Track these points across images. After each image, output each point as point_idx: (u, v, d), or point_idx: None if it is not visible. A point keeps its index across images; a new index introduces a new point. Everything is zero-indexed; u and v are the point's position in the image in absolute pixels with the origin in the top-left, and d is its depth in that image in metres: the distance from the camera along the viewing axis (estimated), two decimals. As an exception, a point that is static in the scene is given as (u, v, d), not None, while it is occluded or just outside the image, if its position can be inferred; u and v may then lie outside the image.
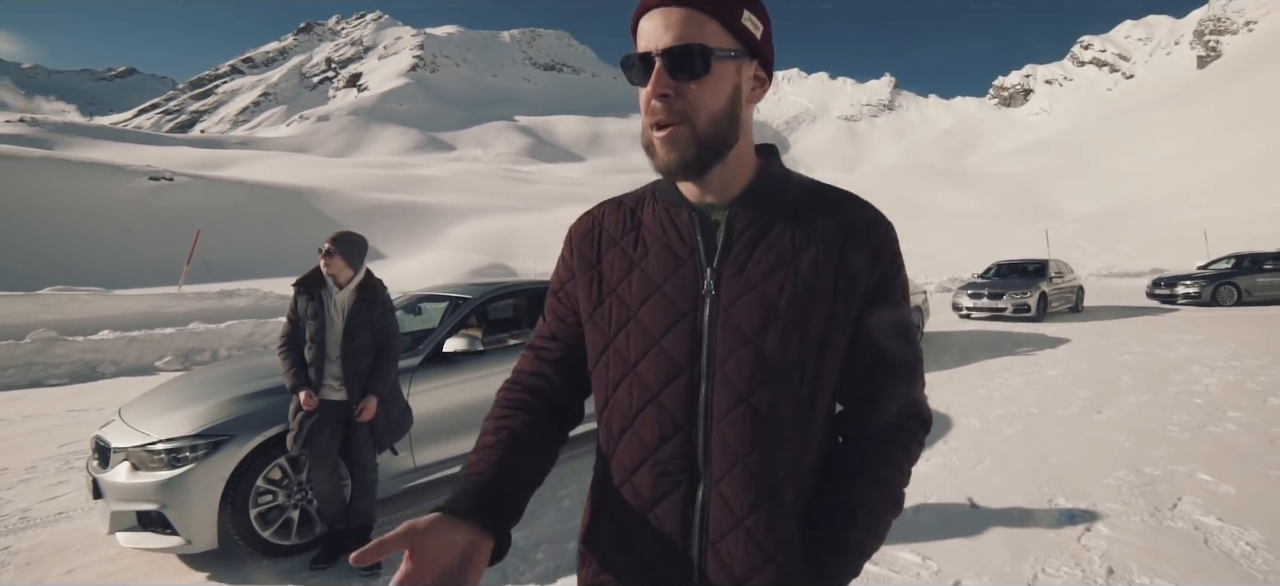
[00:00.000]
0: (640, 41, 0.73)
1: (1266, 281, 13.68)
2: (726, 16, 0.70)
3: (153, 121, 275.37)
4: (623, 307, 0.80)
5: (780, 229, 0.76)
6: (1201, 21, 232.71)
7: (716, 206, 0.79)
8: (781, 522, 0.74)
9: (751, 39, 0.73)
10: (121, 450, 2.62)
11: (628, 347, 0.78)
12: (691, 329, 0.75)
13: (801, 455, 0.75)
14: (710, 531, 0.74)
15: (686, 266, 0.77)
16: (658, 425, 0.76)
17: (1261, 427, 4.29)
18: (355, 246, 2.72)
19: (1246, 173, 60.27)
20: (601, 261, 0.84)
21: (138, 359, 8.18)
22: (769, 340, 0.72)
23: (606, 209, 0.88)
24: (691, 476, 0.75)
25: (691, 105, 0.70)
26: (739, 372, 0.72)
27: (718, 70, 0.70)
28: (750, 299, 0.73)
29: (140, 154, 66.68)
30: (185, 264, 11.61)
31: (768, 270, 0.74)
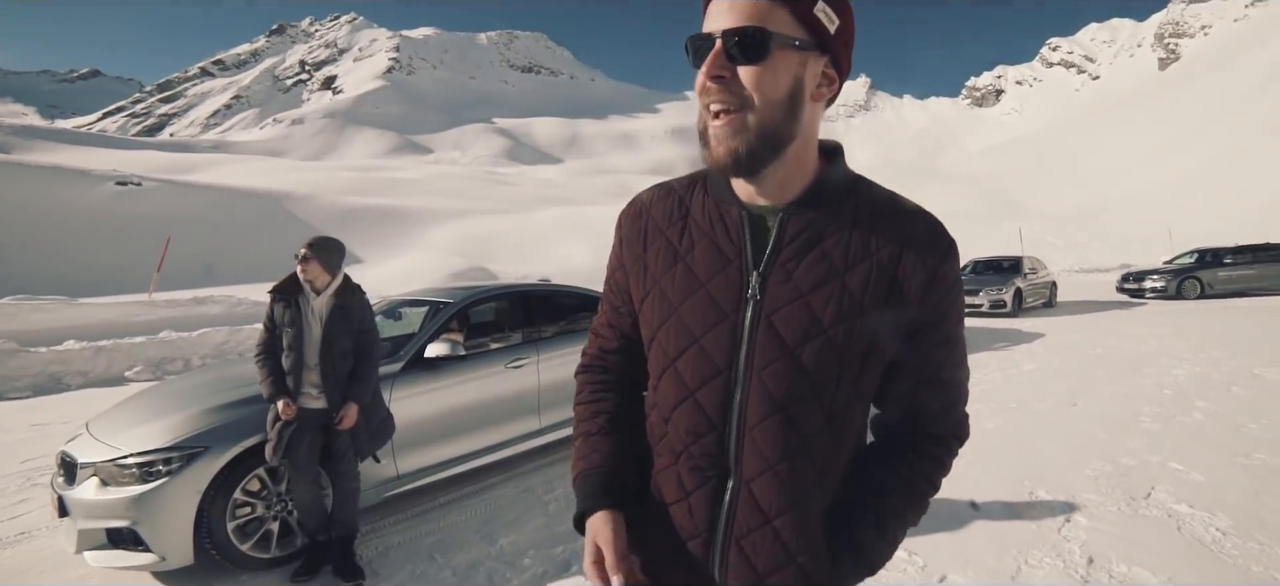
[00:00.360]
0: (706, 22, 0.70)
1: (1227, 275, 14.20)
2: (796, 4, 0.66)
3: (118, 124, 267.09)
4: (665, 302, 0.79)
5: (834, 238, 0.73)
6: (1161, 25, 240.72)
7: (770, 207, 0.76)
8: (808, 527, 0.75)
9: (823, 32, 0.68)
10: (89, 465, 2.53)
11: (669, 343, 0.79)
12: (732, 332, 0.74)
13: (831, 463, 0.77)
14: (736, 528, 0.76)
15: (732, 267, 0.76)
16: (692, 422, 0.77)
17: (1226, 416, 4.43)
18: (332, 251, 2.66)
19: (1206, 171, 62.56)
20: (647, 251, 0.83)
21: (106, 369, 7.90)
22: (808, 352, 0.71)
23: (655, 195, 0.86)
24: (722, 473, 0.76)
25: (748, 92, 0.67)
26: (777, 382, 0.72)
27: (778, 57, 0.66)
28: (795, 309, 0.72)
29: (106, 158, 64.64)
30: (156, 270, 11.27)
31: (816, 281, 0.72)
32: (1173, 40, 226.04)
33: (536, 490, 3.58)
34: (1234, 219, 38.59)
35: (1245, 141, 69.24)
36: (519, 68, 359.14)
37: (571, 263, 33.21)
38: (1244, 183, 53.54)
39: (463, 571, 2.67)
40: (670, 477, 0.80)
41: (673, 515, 0.80)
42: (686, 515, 0.78)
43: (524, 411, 3.85)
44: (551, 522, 3.12)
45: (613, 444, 0.86)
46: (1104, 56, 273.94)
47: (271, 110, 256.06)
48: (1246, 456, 3.58)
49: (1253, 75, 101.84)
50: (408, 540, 3.00)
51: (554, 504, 3.36)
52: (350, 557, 2.64)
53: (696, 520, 0.78)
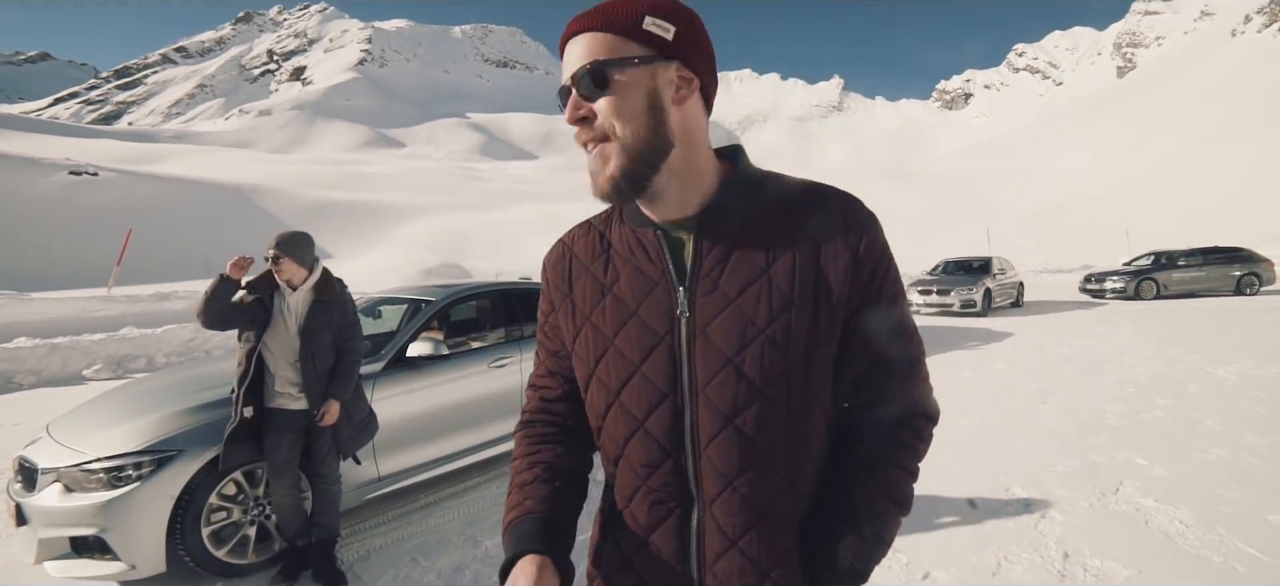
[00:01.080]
0: (562, 75, 0.73)
1: (1181, 276, 14.85)
2: (622, 27, 0.69)
3: (71, 111, 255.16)
4: (599, 336, 0.77)
5: (752, 239, 0.73)
6: (1119, 35, 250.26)
7: (682, 221, 0.76)
8: (775, 539, 0.72)
9: (661, 42, 0.70)
10: (51, 470, 2.40)
11: (609, 376, 0.76)
12: (670, 353, 0.72)
13: (796, 469, 0.73)
14: (706, 555, 0.73)
15: (659, 288, 0.74)
16: (645, 453, 0.74)
17: (1184, 413, 4.63)
18: (302, 244, 2.56)
19: (1160, 176, 65.33)
20: (573, 289, 0.82)
21: (61, 368, 7.55)
22: (749, 358, 0.69)
23: (577, 234, 0.86)
24: (685, 501, 0.74)
25: (606, 121, 0.69)
26: (721, 394, 0.70)
27: (623, 80, 0.68)
28: (727, 317, 0.70)
29: (58, 146, 61.65)
30: (116, 264, 10.81)
31: (742, 284, 0.71)
32: (1130, 50, 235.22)
33: (521, 491, 3.54)
34: (1186, 221, 40.44)
35: (1195, 148, 72.55)
36: (494, 62, 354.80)
37: (548, 260, 32.95)
38: (1194, 187, 56.08)
39: (448, 574, 2.63)
40: (630, 519, 0.77)
41: (637, 561, 0.77)
42: (653, 554, 0.76)
43: (507, 411, 3.80)
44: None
45: (550, 490, 0.79)
46: (1067, 63, 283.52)
47: (237, 100, 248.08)
48: (1203, 451, 3.75)
49: (1201, 86, 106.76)
50: (390, 543, 2.94)
51: (539, 504, 3.33)
52: (331, 562, 2.57)
53: (665, 556, 0.75)
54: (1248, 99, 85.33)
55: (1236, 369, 6.09)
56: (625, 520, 0.78)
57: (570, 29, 0.71)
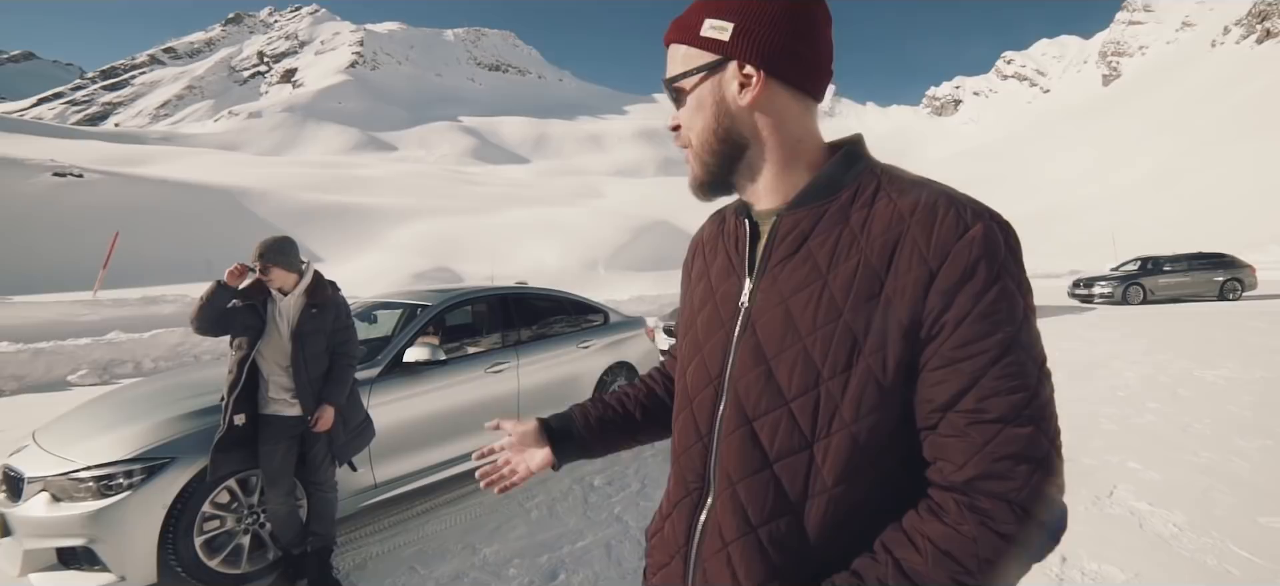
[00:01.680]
0: None
1: (1166, 281, 15.09)
2: (687, 38, 0.72)
3: (56, 112, 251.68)
4: (691, 316, 0.82)
5: (823, 235, 0.67)
6: (1105, 43, 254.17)
7: (769, 213, 0.75)
8: (762, 559, 0.66)
9: (718, 45, 0.68)
10: (38, 479, 2.35)
11: (685, 354, 0.81)
12: (726, 340, 0.73)
13: (807, 505, 0.64)
14: (704, 548, 0.73)
15: (734, 277, 0.76)
16: (684, 433, 0.77)
17: (1175, 417, 4.68)
18: (286, 249, 2.52)
19: (1146, 182, 66.36)
20: (692, 271, 0.87)
21: (45, 373, 7.42)
22: (782, 364, 0.65)
23: (711, 220, 0.90)
24: (701, 490, 0.74)
25: (684, 130, 0.74)
26: (748, 393, 0.68)
27: (689, 93, 0.72)
28: (774, 316, 0.67)
29: (42, 147, 60.75)
30: (102, 268, 10.65)
31: (797, 284, 0.66)
32: (1115, 58, 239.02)
33: (517, 497, 3.52)
34: (1171, 227, 41.07)
35: (1178, 156, 73.81)
36: (486, 66, 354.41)
37: (540, 264, 32.91)
38: (1178, 194, 57.02)
39: (445, 582, 2.60)
40: (667, 496, 0.82)
41: (668, 531, 0.80)
42: (670, 531, 0.79)
43: (504, 416, 3.76)
44: (535, 530, 3.07)
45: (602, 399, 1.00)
46: (1054, 71, 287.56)
47: (227, 102, 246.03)
48: (1195, 455, 3.79)
49: (1183, 95, 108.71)
50: (386, 551, 2.90)
51: (536, 511, 3.31)
52: (327, 571, 2.53)
53: (676, 536, 0.77)
54: (1228, 108, 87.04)
55: (1222, 373, 6.17)
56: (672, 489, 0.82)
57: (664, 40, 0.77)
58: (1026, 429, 0.56)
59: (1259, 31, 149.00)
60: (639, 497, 3.45)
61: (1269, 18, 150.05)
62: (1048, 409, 0.59)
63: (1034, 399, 0.57)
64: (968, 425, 0.57)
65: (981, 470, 0.57)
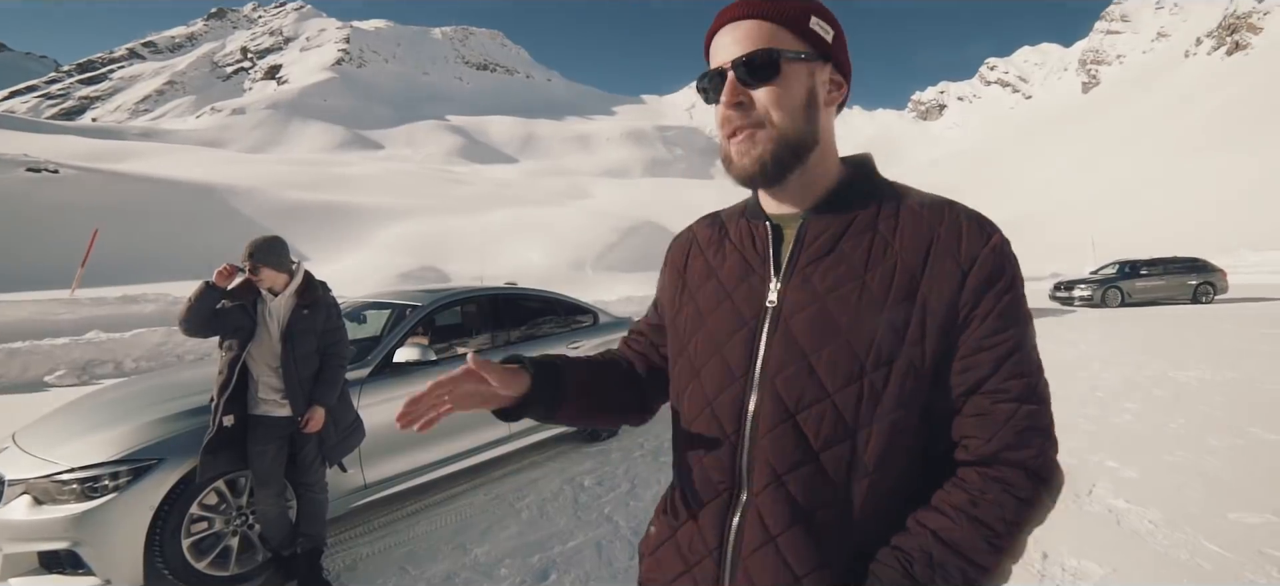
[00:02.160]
0: (713, 59, 0.74)
1: (1143, 285, 15.46)
2: (793, 22, 0.70)
3: (30, 105, 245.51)
4: (697, 315, 0.82)
5: (856, 239, 0.72)
6: (1084, 52, 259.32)
7: (795, 216, 0.77)
8: (817, 548, 0.69)
9: (822, 43, 0.72)
10: (20, 482, 2.31)
11: (697, 354, 0.80)
12: (750, 338, 0.74)
13: (853, 483, 0.69)
14: (744, 546, 0.72)
15: (755, 276, 0.77)
16: (709, 432, 0.76)
17: (1150, 417, 4.81)
18: (276, 249, 2.51)
19: (1123, 187, 67.86)
20: (687, 269, 0.88)
21: (21, 373, 7.25)
22: (824, 357, 0.68)
23: (702, 223, 0.91)
24: (733, 487, 0.74)
25: (766, 109, 0.70)
26: (788, 387, 0.70)
27: (788, 72, 0.70)
28: (811, 312, 0.70)
29: (14, 141, 59.19)
30: (80, 265, 10.43)
31: (833, 283, 0.70)
32: (1094, 66, 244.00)
33: (507, 497, 3.52)
34: (1146, 231, 42.01)
35: (1154, 162, 75.59)
36: (474, 65, 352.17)
37: (528, 265, 32.79)
38: (1153, 199, 58.37)
39: (436, 583, 2.60)
40: (683, 500, 0.80)
41: (681, 538, 0.79)
42: (696, 534, 0.77)
43: (494, 418, 3.77)
44: (525, 530, 3.08)
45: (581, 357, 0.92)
46: (1036, 78, 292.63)
47: (209, 98, 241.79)
48: (1170, 454, 3.90)
49: (1160, 103, 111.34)
50: (377, 552, 2.89)
51: (527, 511, 3.31)
52: (317, 572, 2.52)
53: (706, 538, 0.75)
54: (1200, 117, 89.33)
55: (1195, 374, 6.34)
56: (679, 500, 0.81)
57: (734, 12, 0.71)
58: (1037, 406, 0.67)
59: (1229, 44, 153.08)
60: (629, 498, 3.47)
61: (1238, 31, 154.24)
62: (1048, 392, 0.70)
63: (1041, 382, 0.69)
64: (992, 404, 0.67)
65: (1006, 442, 0.66)
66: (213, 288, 2.38)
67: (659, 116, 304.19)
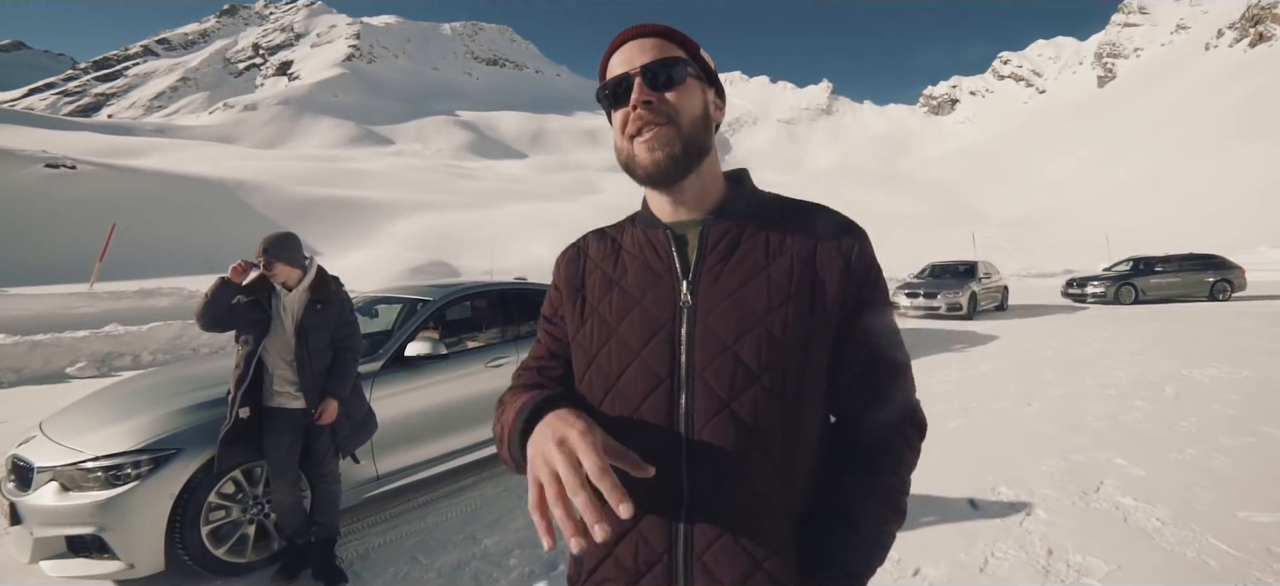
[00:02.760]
0: (613, 71, 0.79)
1: (1158, 282, 15.23)
2: (687, 47, 0.80)
3: (48, 102, 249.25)
4: (603, 325, 0.82)
5: (754, 239, 0.80)
6: (1100, 45, 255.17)
7: (690, 222, 0.83)
8: (771, 529, 0.73)
9: (709, 70, 0.83)
10: (47, 469, 2.39)
11: (609, 363, 0.80)
12: (670, 340, 0.76)
13: (790, 462, 0.74)
14: (696, 544, 0.73)
15: (664, 282, 0.80)
16: (640, 438, 0.73)
17: (1161, 415, 4.77)
18: (290, 245, 2.56)
19: (1139, 183, 66.72)
20: (585, 284, 0.88)
21: (43, 365, 7.42)
22: (747, 345, 0.73)
23: (590, 237, 0.93)
24: (675, 488, 0.74)
25: (673, 108, 0.77)
26: (719, 379, 0.73)
27: (690, 83, 0.79)
28: (727, 307, 0.75)
29: (33, 138, 60.17)
30: (98, 259, 10.62)
31: (743, 278, 0.77)
32: (1110, 60, 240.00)
33: (517, 489, 3.57)
34: (1162, 227, 41.34)
35: (1171, 157, 74.24)
36: (483, 60, 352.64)
37: (537, 259, 32.91)
38: (1170, 195, 57.37)
39: (448, 572, 2.65)
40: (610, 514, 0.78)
41: (621, 553, 0.76)
42: (640, 544, 0.75)
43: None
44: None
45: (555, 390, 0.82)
46: (1050, 72, 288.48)
47: (222, 95, 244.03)
48: (1179, 452, 3.88)
49: (1178, 96, 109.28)
50: (389, 541, 2.95)
51: (536, 503, 3.36)
52: (331, 560, 2.58)
53: (652, 546, 0.74)
54: (1220, 111, 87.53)
55: (1209, 373, 6.27)
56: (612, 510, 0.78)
57: (635, 33, 0.80)
58: (909, 369, 0.83)
59: (1252, 34, 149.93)
60: (636, 491, 3.50)
61: (1262, 22, 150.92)
62: None
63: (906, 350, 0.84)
64: (884, 369, 0.80)
65: (901, 403, 0.80)
66: (228, 283, 2.44)
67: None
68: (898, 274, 25.05)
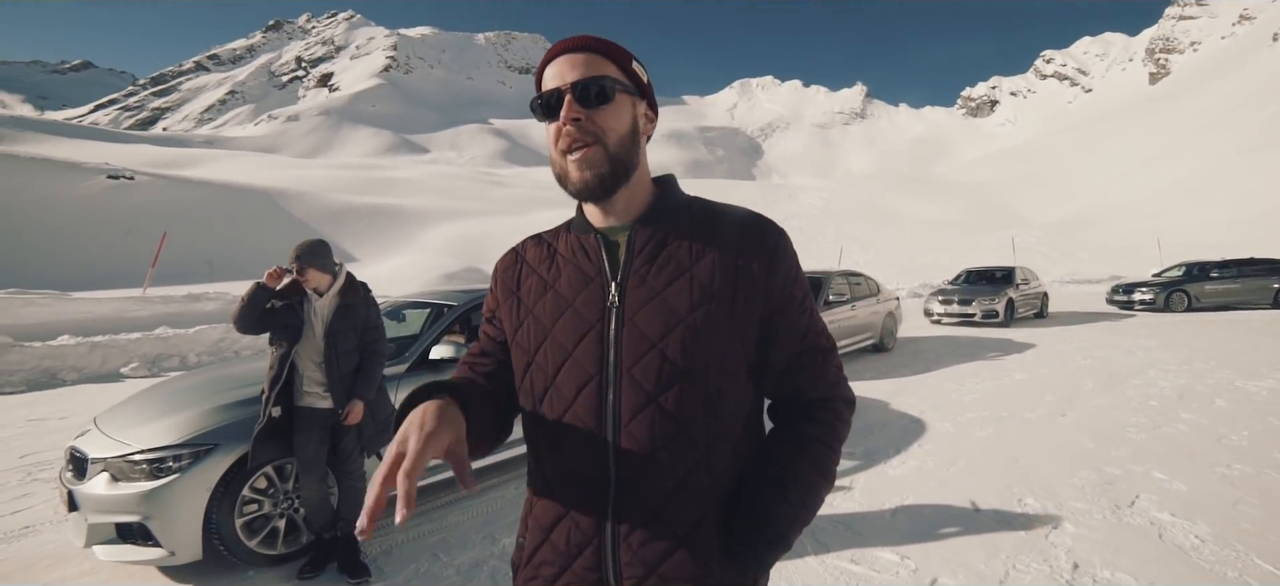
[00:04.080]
0: (547, 83, 0.82)
1: (1214, 288, 14.42)
2: (619, 60, 0.83)
3: (111, 117, 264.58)
4: (539, 326, 0.86)
5: (678, 242, 0.84)
6: (1152, 40, 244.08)
7: (620, 227, 0.88)
8: (691, 509, 0.79)
9: (641, 82, 0.86)
10: (100, 460, 2.56)
11: (547, 362, 0.84)
12: (599, 338, 0.81)
13: (713, 446, 0.80)
14: (623, 527, 0.78)
15: (594, 283, 0.85)
16: (573, 431, 0.81)
17: (1209, 428, 4.54)
18: (322, 252, 2.68)
19: (1194, 184, 63.39)
20: (520, 287, 0.92)
21: (101, 365, 7.89)
22: (672, 343, 0.78)
23: (527, 243, 0.97)
24: (603, 476, 0.79)
25: (601, 127, 0.80)
26: (646, 375, 0.78)
27: (619, 99, 0.82)
28: (653, 307, 0.80)
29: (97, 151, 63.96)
30: (150, 266, 11.23)
31: (668, 279, 0.81)
32: (1163, 56, 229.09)
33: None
34: (1220, 232, 39.14)
35: (1231, 156, 70.25)
36: (516, 68, 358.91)
37: (567, 265, 33.12)
38: (1229, 197, 54.31)
39: (466, 570, 2.73)
40: (552, 498, 0.83)
41: (556, 538, 0.82)
42: (572, 529, 0.80)
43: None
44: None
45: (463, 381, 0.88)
46: (1096, 70, 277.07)
47: (267, 106, 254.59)
48: (1227, 467, 3.69)
49: (1240, 91, 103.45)
50: (411, 539, 3.05)
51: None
52: (356, 555, 2.69)
53: (583, 530, 0.80)
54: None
55: (1268, 384, 5.94)
56: (549, 499, 0.84)
57: (568, 46, 0.82)
58: (836, 352, 0.90)
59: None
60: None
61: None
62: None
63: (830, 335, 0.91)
64: (811, 355, 0.87)
65: (829, 381, 0.88)
66: (263, 288, 2.57)
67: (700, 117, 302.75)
68: (933, 280, 24.42)
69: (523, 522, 0.90)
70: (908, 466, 3.94)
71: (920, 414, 5.30)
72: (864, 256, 38.97)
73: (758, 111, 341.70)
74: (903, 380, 7.00)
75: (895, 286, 20.37)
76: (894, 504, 3.30)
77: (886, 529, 3.00)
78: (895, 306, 9.83)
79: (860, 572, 2.58)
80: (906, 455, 4.17)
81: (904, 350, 9.40)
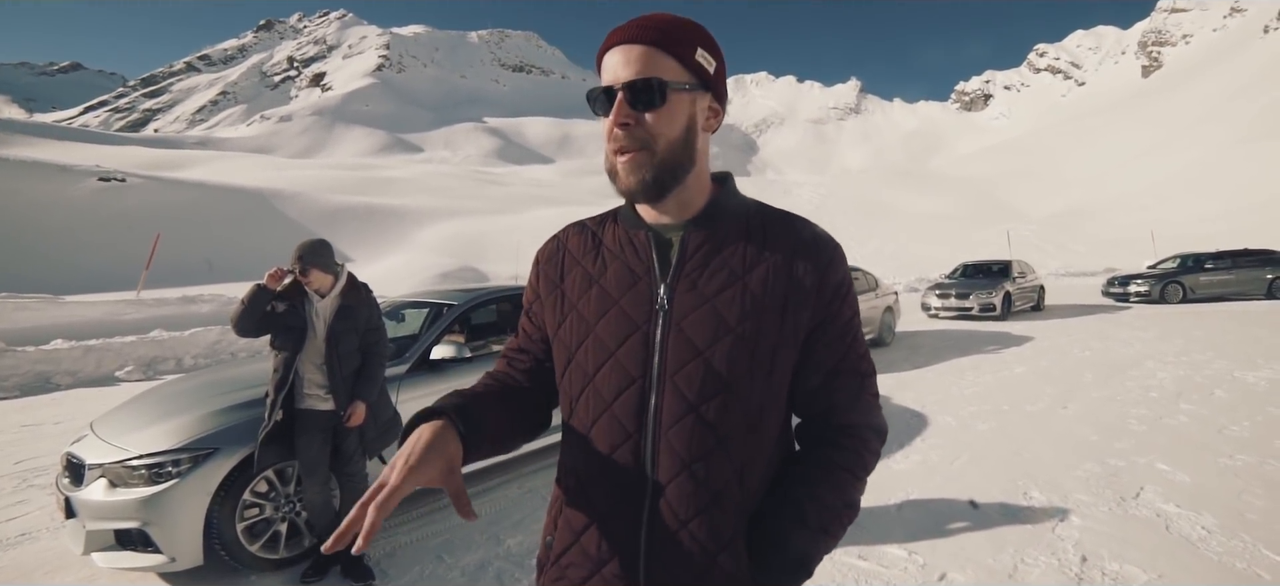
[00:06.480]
0: (604, 76, 0.78)
1: (1208, 280, 14.52)
2: (681, 54, 0.77)
3: (101, 119, 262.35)
4: (582, 322, 0.83)
5: (732, 247, 0.81)
6: (1144, 33, 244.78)
7: (673, 226, 0.84)
8: (724, 526, 0.76)
9: (705, 74, 0.79)
10: (97, 466, 2.52)
11: (587, 361, 0.82)
12: (645, 341, 0.78)
13: (749, 463, 0.78)
14: (657, 536, 0.76)
15: (642, 283, 0.81)
16: (610, 434, 0.79)
17: (1210, 418, 4.56)
18: (323, 252, 2.64)
19: (1187, 176, 63.78)
20: (564, 280, 0.88)
21: (95, 369, 7.81)
22: (718, 352, 0.75)
23: (570, 231, 0.93)
24: (639, 484, 0.77)
25: (650, 133, 0.76)
26: (689, 383, 0.76)
27: (673, 101, 0.76)
28: (702, 313, 0.77)
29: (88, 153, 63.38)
30: (144, 268, 11.13)
31: (719, 286, 0.78)
32: (1156, 48, 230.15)
33: (540, 490, 3.62)
34: (1215, 223, 39.39)
35: (1225, 148, 70.70)
36: (510, 67, 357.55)
37: (563, 263, 33.04)
38: (1223, 188, 54.68)
39: (471, 571, 2.70)
40: (586, 500, 0.81)
41: (586, 542, 0.80)
42: (605, 535, 0.79)
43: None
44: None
45: (482, 389, 0.88)
46: (1089, 63, 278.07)
47: (259, 107, 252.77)
48: (1230, 457, 3.70)
49: (1232, 83, 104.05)
50: (415, 541, 3.02)
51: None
52: (359, 558, 2.66)
53: (616, 537, 0.78)
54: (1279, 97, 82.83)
55: (1265, 374, 5.97)
56: (581, 502, 0.82)
57: (627, 35, 0.76)
58: (874, 379, 0.86)
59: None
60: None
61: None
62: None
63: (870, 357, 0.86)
64: (848, 379, 0.82)
65: (862, 407, 0.83)
66: (264, 289, 2.54)
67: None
68: (928, 274, 24.46)
69: (551, 520, 0.87)
70: (911, 460, 3.93)
71: (922, 408, 5.30)
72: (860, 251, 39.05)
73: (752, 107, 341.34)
74: (902, 374, 7.00)
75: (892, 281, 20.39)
76: (899, 498, 3.29)
77: (893, 524, 2.98)
78: (893, 301, 9.84)
79: (868, 568, 2.57)
80: (909, 449, 4.16)
81: (902, 344, 9.41)
